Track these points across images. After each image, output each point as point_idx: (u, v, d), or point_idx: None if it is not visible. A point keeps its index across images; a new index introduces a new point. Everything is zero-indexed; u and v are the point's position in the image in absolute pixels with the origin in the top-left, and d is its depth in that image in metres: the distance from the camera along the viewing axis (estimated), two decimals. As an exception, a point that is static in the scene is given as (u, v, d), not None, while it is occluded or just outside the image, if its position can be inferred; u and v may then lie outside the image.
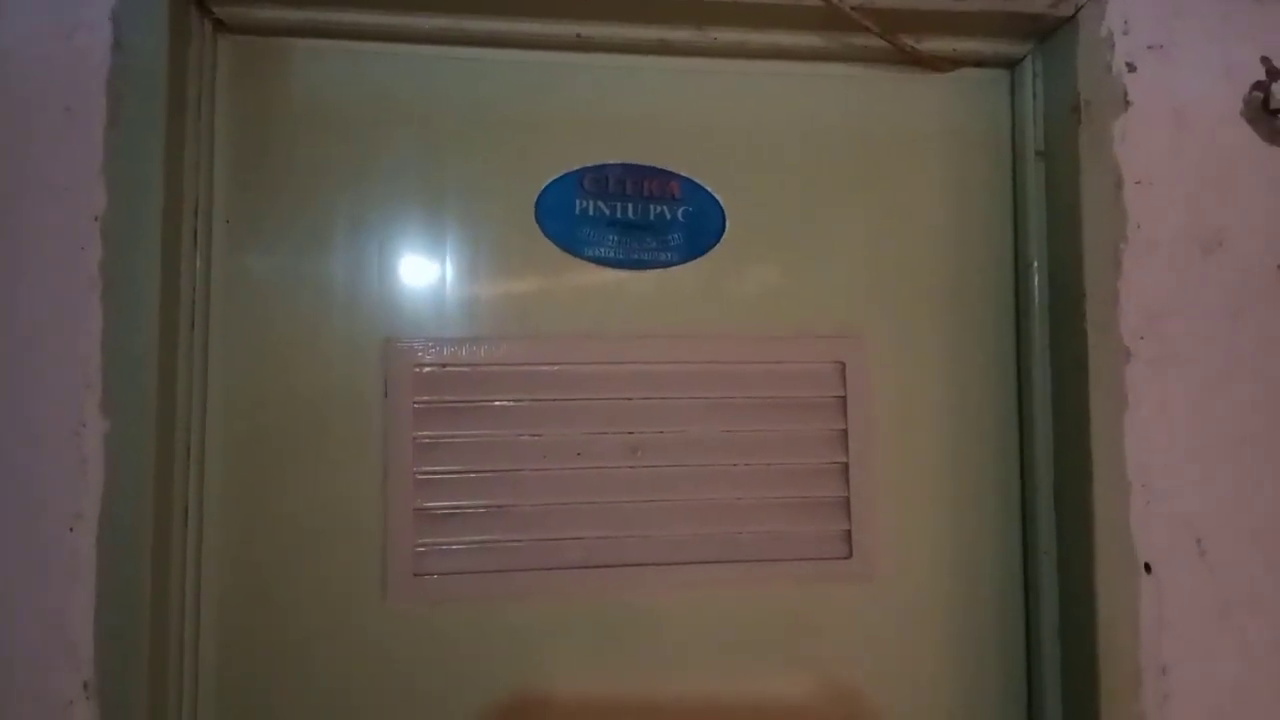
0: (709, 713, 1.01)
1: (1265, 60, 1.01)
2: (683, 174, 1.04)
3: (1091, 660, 0.94)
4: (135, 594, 0.84)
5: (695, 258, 1.03)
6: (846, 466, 1.03)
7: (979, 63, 1.07)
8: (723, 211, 1.04)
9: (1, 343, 0.84)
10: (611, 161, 1.03)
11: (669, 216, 1.03)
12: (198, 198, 0.94)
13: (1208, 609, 0.96)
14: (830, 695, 1.03)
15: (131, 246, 0.85)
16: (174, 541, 0.90)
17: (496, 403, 0.99)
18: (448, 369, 0.99)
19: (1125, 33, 0.99)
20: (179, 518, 0.91)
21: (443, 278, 1.00)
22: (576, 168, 1.02)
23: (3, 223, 0.85)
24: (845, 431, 1.03)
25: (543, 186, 1.02)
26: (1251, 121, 1.01)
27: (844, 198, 1.06)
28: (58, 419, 0.84)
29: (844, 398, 1.04)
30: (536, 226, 1.01)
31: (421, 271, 1.00)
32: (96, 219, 0.85)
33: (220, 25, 0.96)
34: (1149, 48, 0.99)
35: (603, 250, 1.02)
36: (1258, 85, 1.01)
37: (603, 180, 1.02)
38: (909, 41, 1.00)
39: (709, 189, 1.04)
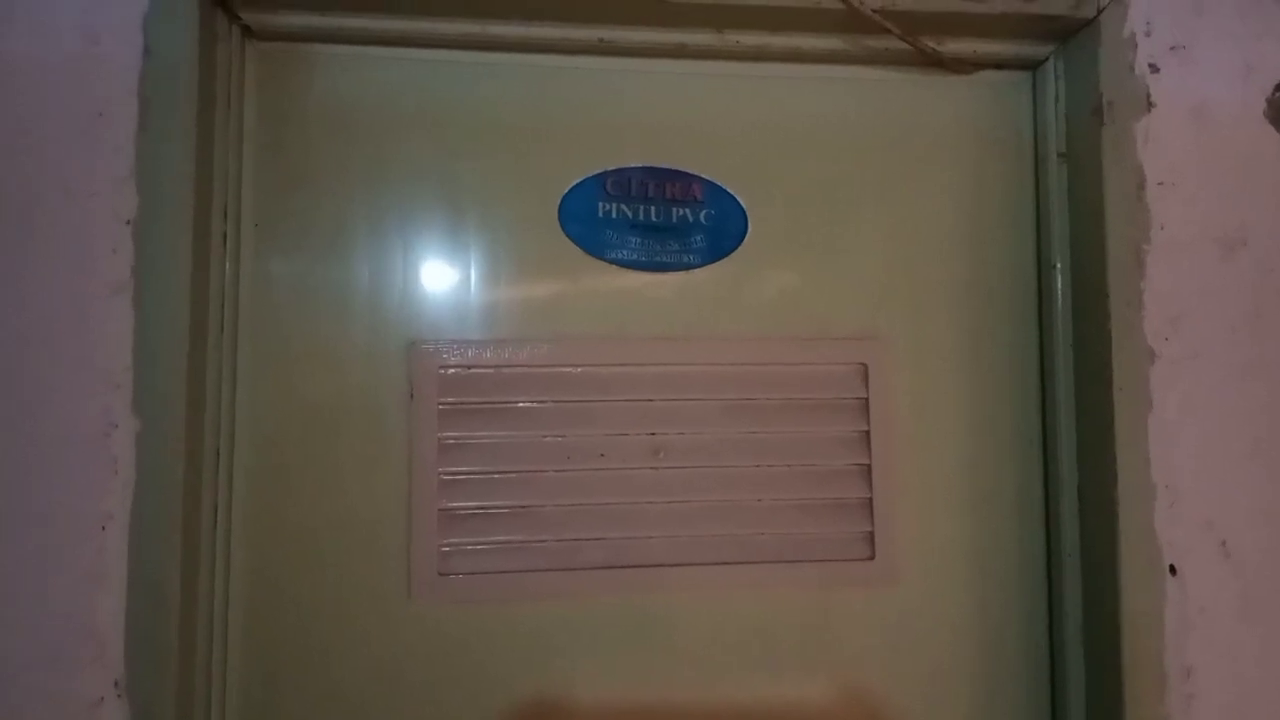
0: (731, 713, 1.01)
1: (1288, 61, 1.01)
2: (705, 176, 1.04)
3: (1116, 662, 0.94)
4: (165, 593, 0.85)
5: (717, 260, 1.04)
6: (869, 468, 1.03)
7: (1000, 65, 1.07)
8: (745, 214, 1.04)
9: (35, 345, 0.85)
10: (634, 164, 1.03)
11: (691, 219, 1.04)
12: (226, 201, 0.95)
13: (1233, 610, 0.95)
14: (852, 696, 1.03)
15: (162, 250, 0.86)
16: (203, 540, 0.91)
17: (520, 404, 1.00)
18: (472, 371, 0.99)
19: (1147, 34, 0.99)
20: (208, 517, 0.92)
21: (467, 280, 1.01)
22: (599, 171, 1.03)
23: (35, 226, 0.86)
24: (868, 433, 1.04)
25: (565, 190, 1.02)
26: (1274, 121, 1.00)
27: (866, 200, 1.07)
28: (89, 420, 0.85)
29: (866, 399, 1.04)
30: (559, 229, 1.02)
31: (445, 274, 1.01)
32: (128, 223, 0.86)
33: (248, 31, 0.98)
34: (1171, 49, 0.99)
35: (625, 253, 1.03)
36: (1280, 86, 1.01)
37: (625, 183, 1.03)
38: (930, 44, 1.00)
39: (731, 191, 1.04)
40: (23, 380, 0.85)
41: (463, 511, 0.98)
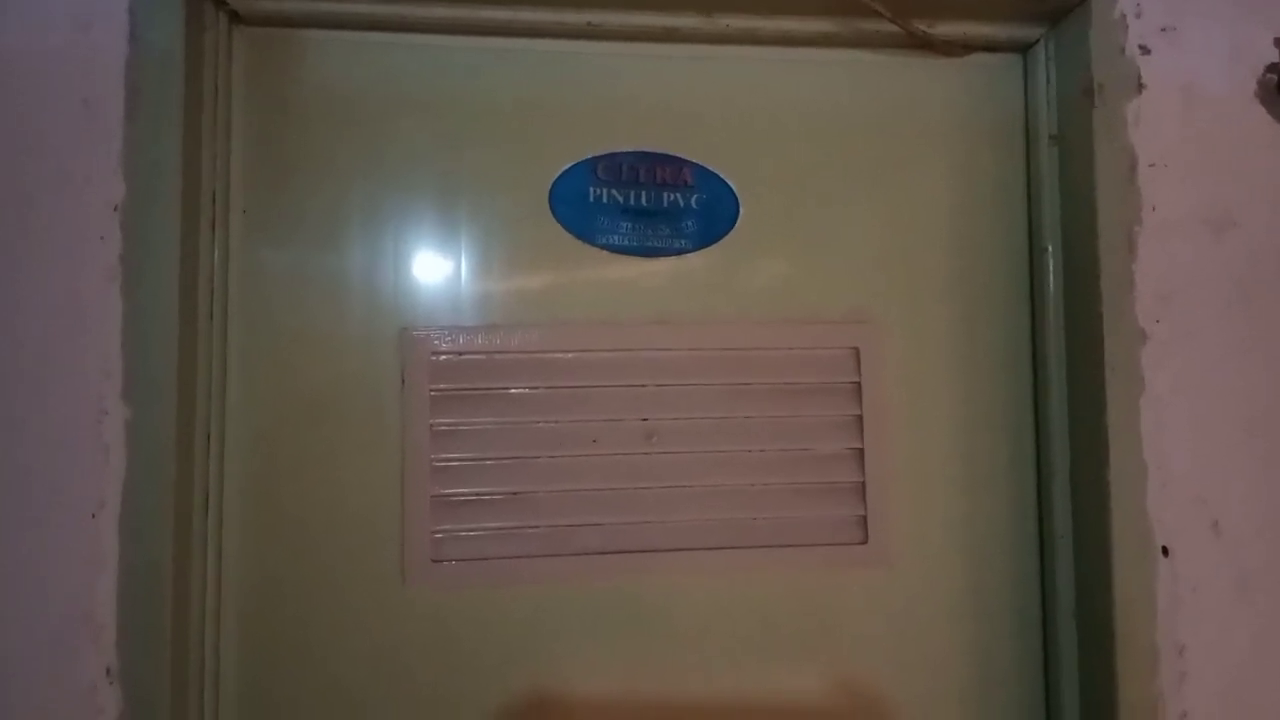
0: (725, 698, 1.01)
1: (1278, 42, 1.01)
2: (695, 161, 1.04)
3: (1108, 642, 0.94)
4: (157, 580, 0.85)
5: (709, 244, 1.04)
6: (861, 451, 1.03)
7: (991, 47, 1.07)
8: (736, 198, 1.04)
9: (24, 332, 0.85)
10: (624, 149, 1.03)
11: (682, 204, 1.03)
12: (215, 188, 0.95)
13: (1224, 589, 0.95)
14: (846, 679, 1.03)
15: (150, 237, 0.86)
16: (194, 527, 0.90)
17: (512, 390, 1.00)
18: (464, 357, 0.99)
19: (1138, 15, 0.98)
20: (199, 504, 0.92)
21: (458, 266, 1.01)
22: (589, 156, 1.03)
23: (24, 214, 0.86)
24: (860, 417, 1.04)
25: (556, 175, 1.02)
26: (1265, 103, 1.00)
27: (857, 183, 1.06)
28: (80, 407, 0.85)
29: (859, 383, 1.04)
30: (550, 215, 1.02)
31: (437, 260, 1.00)
32: (115, 210, 0.86)
33: (235, 17, 0.97)
34: (1162, 30, 0.99)
35: (616, 238, 1.02)
36: (1271, 67, 1.01)
37: (616, 168, 1.03)
38: (921, 26, 1.00)
39: (722, 176, 1.04)
40: (14, 368, 0.84)
41: (455, 498, 0.98)
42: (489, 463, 0.99)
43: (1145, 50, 0.99)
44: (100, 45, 0.87)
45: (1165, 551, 0.95)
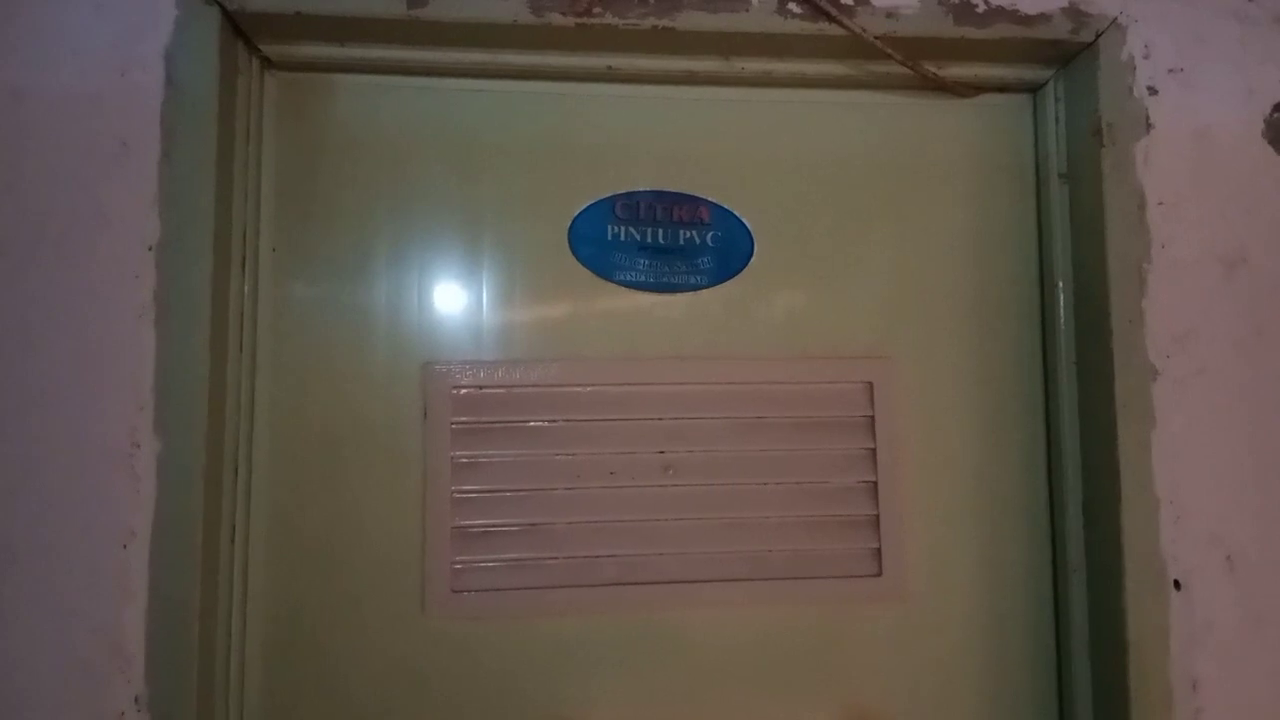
0: (741, 730, 1.02)
1: (1286, 83, 1.03)
2: (712, 200, 1.06)
3: (1122, 677, 0.94)
4: (185, 609, 0.86)
5: (724, 281, 1.06)
6: (876, 485, 1.04)
7: (1002, 88, 1.09)
8: (751, 236, 1.06)
9: (60, 367, 0.87)
10: (642, 188, 1.05)
11: (698, 241, 1.06)
12: (246, 227, 0.97)
13: (1238, 624, 0.96)
14: (860, 710, 1.03)
15: (183, 274, 0.89)
16: (222, 557, 0.92)
17: (532, 423, 1.02)
18: (484, 391, 1.01)
19: (1146, 57, 1.00)
20: (226, 534, 0.93)
21: (479, 302, 1.03)
22: (608, 195, 1.05)
23: (62, 252, 0.88)
24: (874, 451, 1.05)
25: (576, 213, 1.04)
26: (1272, 142, 1.02)
27: (870, 221, 1.08)
28: (113, 439, 0.87)
29: (872, 418, 1.05)
30: (570, 252, 1.04)
31: (459, 297, 1.03)
32: (150, 248, 0.89)
33: (267, 62, 1.00)
34: (1170, 71, 1.01)
35: (634, 275, 1.05)
36: (1278, 107, 1.02)
37: (634, 207, 1.05)
38: (932, 68, 1.02)
39: (737, 214, 1.06)
40: (50, 401, 0.87)
41: (475, 529, 1.00)
42: (508, 494, 1.01)
43: (1153, 91, 1.00)
44: (138, 88, 0.90)
45: (1178, 586, 0.95)
